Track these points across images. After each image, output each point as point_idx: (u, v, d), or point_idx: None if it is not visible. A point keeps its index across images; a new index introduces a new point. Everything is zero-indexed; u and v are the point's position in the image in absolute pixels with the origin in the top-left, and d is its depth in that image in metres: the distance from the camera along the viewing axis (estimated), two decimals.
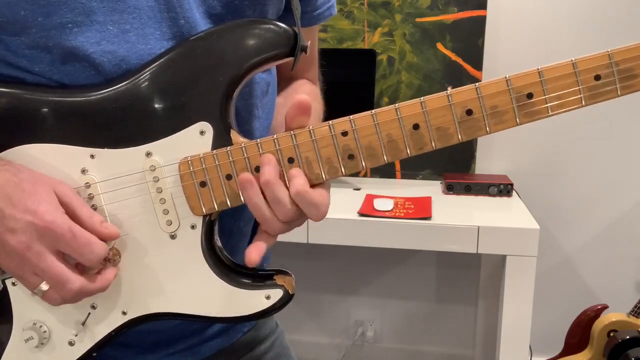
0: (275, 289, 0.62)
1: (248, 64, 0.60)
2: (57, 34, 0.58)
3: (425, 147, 0.59)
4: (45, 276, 0.55)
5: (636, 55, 0.57)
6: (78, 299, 0.58)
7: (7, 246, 0.55)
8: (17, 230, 0.54)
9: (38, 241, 0.54)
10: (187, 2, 0.61)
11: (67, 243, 0.55)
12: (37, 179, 0.57)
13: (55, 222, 0.54)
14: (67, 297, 0.56)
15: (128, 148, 0.60)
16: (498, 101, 0.58)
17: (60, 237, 0.54)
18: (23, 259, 0.55)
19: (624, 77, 0.57)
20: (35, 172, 0.58)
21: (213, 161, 0.60)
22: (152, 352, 0.72)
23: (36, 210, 0.54)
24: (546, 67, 0.57)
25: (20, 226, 0.54)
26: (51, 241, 0.55)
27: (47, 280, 0.55)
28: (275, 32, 0.61)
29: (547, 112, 0.58)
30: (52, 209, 0.55)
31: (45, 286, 0.55)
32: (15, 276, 0.57)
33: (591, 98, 0.57)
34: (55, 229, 0.54)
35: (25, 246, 0.54)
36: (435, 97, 0.58)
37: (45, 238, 0.54)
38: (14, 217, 0.54)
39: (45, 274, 0.55)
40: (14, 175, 0.56)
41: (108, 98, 0.59)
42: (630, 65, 0.57)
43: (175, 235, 0.61)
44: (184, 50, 0.61)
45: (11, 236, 0.54)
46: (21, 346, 0.62)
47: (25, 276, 0.56)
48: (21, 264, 0.55)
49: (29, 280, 0.56)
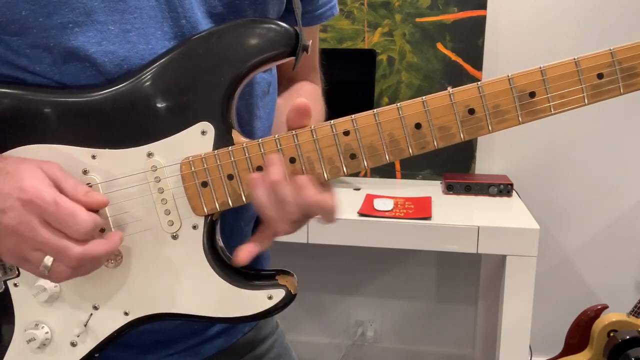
0: (277, 289, 0.62)
1: (249, 64, 0.60)
2: (58, 34, 0.58)
3: (427, 146, 0.59)
4: (45, 248, 0.55)
5: (638, 53, 0.56)
6: (87, 267, 0.57)
7: (1, 226, 0.55)
8: (6, 209, 0.54)
9: (27, 214, 0.54)
10: (189, 2, 0.61)
11: (52, 214, 0.54)
12: (22, 160, 0.57)
13: (38, 193, 0.54)
14: (73, 264, 0.55)
15: (129, 148, 0.60)
16: (500, 100, 0.57)
17: (44, 209, 0.54)
18: (18, 235, 0.54)
19: (627, 75, 0.56)
20: (21, 157, 0.58)
21: (215, 161, 0.60)
22: (152, 352, 0.72)
23: (20, 186, 0.54)
24: (548, 65, 0.57)
25: (9, 204, 0.54)
26: (38, 213, 0.54)
27: (47, 251, 0.55)
28: (277, 31, 0.61)
29: (550, 111, 0.58)
30: (37, 182, 0.55)
31: (49, 260, 0.55)
32: (19, 260, 0.57)
33: (594, 97, 0.57)
34: (38, 201, 0.54)
35: (16, 222, 0.54)
36: (438, 96, 0.58)
37: (33, 210, 0.54)
38: (2, 197, 0.54)
39: (43, 245, 0.55)
40: (1, 162, 0.56)
41: (109, 98, 0.59)
42: (633, 63, 0.56)
43: (177, 235, 0.61)
44: (185, 50, 0.60)
45: (3, 216, 0.54)
46: (23, 347, 0.62)
47: (26, 255, 0.55)
48: (19, 242, 0.55)
49: (32, 257, 0.55)
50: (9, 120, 0.59)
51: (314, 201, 0.57)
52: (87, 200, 0.57)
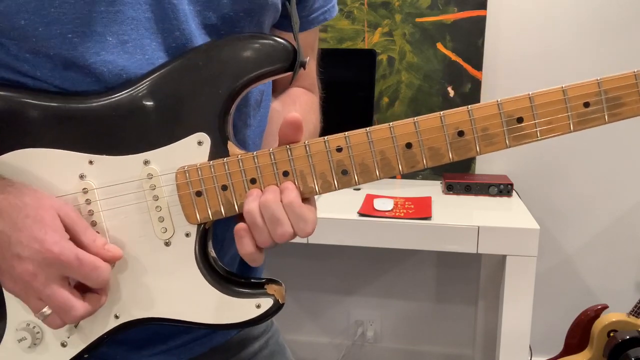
0: (265, 298, 0.63)
1: (247, 78, 0.61)
2: (57, 44, 0.58)
3: (417, 165, 0.61)
4: (50, 302, 0.56)
5: (625, 84, 0.58)
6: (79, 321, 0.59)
7: (14, 272, 0.56)
8: (24, 258, 0.55)
9: (45, 270, 0.55)
10: (183, 14, 0.62)
11: (75, 270, 0.56)
12: (40, 202, 0.57)
13: (62, 252, 0.55)
14: (69, 321, 0.58)
15: (126, 155, 0.61)
16: (489, 124, 0.59)
17: (67, 266, 0.56)
18: (28, 286, 0.56)
19: (612, 105, 0.59)
20: (38, 192, 0.59)
21: (210, 172, 0.61)
22: (145, 349, 0.73)
23: (44, 240, 0.55)
24: (537, 92, 0.59)
25: (28, 254, 0.55)
26: (58, 269, 0.56)
27: (51, 306, 0.57)
28: (275, 47, 0.62)
29: (536, 136, 0.60)
30: (59, 237, 0.56)
31: (48, 311, 0.57)
32: (20, 298, 0.58)
33: (579, 124, 0.59)
34: (62, 259, 0.55)
35: (31, 274, 0.55)
36: (429, 117, 0.60)
37: (53, 267, 0.55)
38: (20, 243, 0.55)
39: (49, 300, 0.56)
40: (18, 198, 0.57)
41: (108, 105, 0.60)
42: (619, 94, 0.58)
43: (170, 242, 0.62)
44: (185, 61, 0.62)
45: (18, 263, 0.55)
46: (14, 346, 0.63)
47: (29, 300, 0.57)
48: (26, 290, 0.56)
49: (32, 304, 0.57)
50: (8, 122, 0.60)
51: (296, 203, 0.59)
52: (107, 255, 0.59)
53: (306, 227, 0.60)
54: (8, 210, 0.56)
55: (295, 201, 0.59)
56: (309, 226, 0.60)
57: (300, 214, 0.59)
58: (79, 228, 0.58)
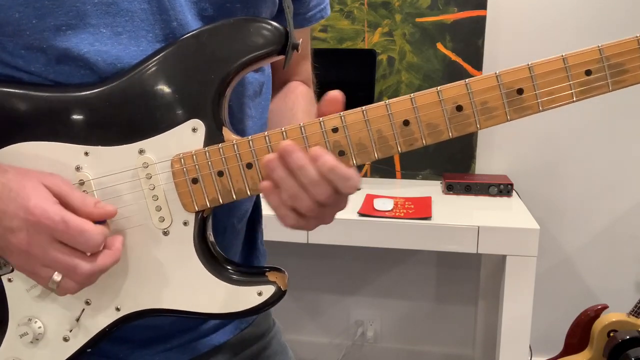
0: (267, 285, 0.62)
1: (239, 62, 0.61)
2: (50, 36, 0.58)
3: (415, 143, 0.59)
4: (55, 266, 0.56)
5: (627, 50, 0.56)
6: (95, 279, 0.58)
7: (11, 246, 0.56)
8: (16, 229, 0.55)
9: (36, 235, 0.55)
10: (179, 5, 0.62)
11: (62, 233, 0.55)
12: (24, 175, 0.57)
13: (45, 214, 0.55)
14: (81, 281, 0.57)
15: (121, 145, 0.61)
16: (488, 97, 0.58)
17: (54, 229, 0.55)
18: (29, 255, 0.56)
19: (615, 72, 0.57)
20: (22, 169, 0.58)
21: (205, 158, 0.61)
22: (147, 347, 0.73)
23: (27, 206, 0.55)
24: (536, 62, 0.57)
25: (17, 224, 0.55)
26: (49, 233, 0.55)
27: (57, 270, 0.56)
28: (266, 30, 0.61)
29: (538, 108, 0.58)
30: (42, 201, 0.55)
31: (58, 276, 0.56)
32: (28, 273, 0.58)
33: (582, 93, 0.57)
34: (46, 222, 0.55)
35: (26, 243, 0.55)
36: (426, 93, 0.58)
37: (43, 232, 0.55)
38: (9, 216, 0.55)
39: (53, 264, 0.56)
40: (1, 176, 0.57)
41: (102, 96, 0.60)
42: (621, 60, 0.56)
43: (168, 231, 0.62)
44: (176, 49, 0.61)
45: (12, 236, 0.55)
46: (16, 341, 0.63)
47: (36, 271, 0.57)
48: (29, 260, 0.56)
49: (41, 274, 0.57)
50: (3, 117, 0.60)
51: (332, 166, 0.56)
52: (98, 212, 0.58)
53: (354, 182, 0.57)
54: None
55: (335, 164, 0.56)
56: (355, 180, 0.57)
57: (344, 174, 0.57)
58: (65, 192, 0.57)
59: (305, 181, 0.57)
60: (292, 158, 0.57)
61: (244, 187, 0.61)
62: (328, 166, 0.56)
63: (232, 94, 0.64)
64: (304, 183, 0.57)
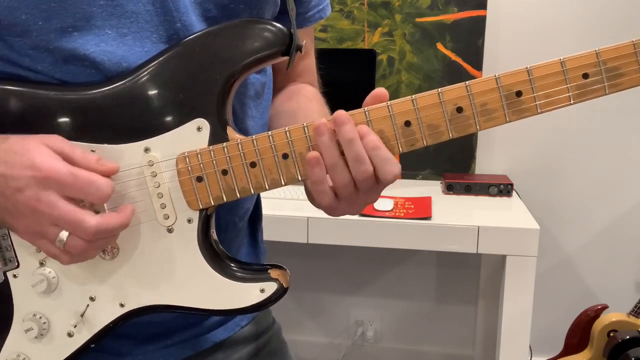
0: (269, 282, 0.63)
1: (244, 63, 0.62)
2: (57, 37, 0.59)
3: (416, 143, 0.60)
4: (62, 222, 0.56)
5: (623, 54, 0.58)
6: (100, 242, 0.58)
7: (19, 206, 0.56)
8: (22, 188, 0.55)
9: (44, 191, 0.55)
10: (184, 6, 0.63)
11: (71, 186, 0.56)
12: (24, 138, 0.58)
13: (53, 168, 0.55)
14: (89, 237, 0.56)
15: (127, 144, 0.61)
16: (488, 99, 0.59)
17: (63, 182, 0.55)
18: (37, 213, 0.56)
19: (611, 75, 0.58)
20: (23, 135, 0.59)
21: (209, 157, 0.61)
22: (150, 343, 0.73)
23: (33, 164, 0.55)
24: (535, 65, 0.58)
25: (24, 183, 0.55)
26: (56, 188, 0.56)
27: (64, 225, 0.56)
28: (271, 31, 0.62)
29: (536, 110, 0.59)
30: (47, 158, 0.56)
31: (65, 234, 0.56)
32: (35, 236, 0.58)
33: (579, 96, 0.59)
34: (55, 176, 0.55)
35: (34, 199, 0.55)
36: (427, 94, 0.60)
37: (50, 186, 0.55)
38: (15, 177, 0.55)
39: (61, 219, 0.56)
40: (2, 142, 0.58)
41: (108, 95, 0.61)
42: (617, 64, 0.58)
43: (173, 229, 0.63)
44: (182, 48, 0.62)
45: (20, 195, 0.55)
46: (21, 336, 0.63)
47: (44, 230, 0.56)
48: (37, 219, 0.56)
49: (49, 232, 0.56)
50: (10, 115, 0.60)
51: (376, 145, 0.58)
52: (101, 169, 0.58)
53: (393, 168, 0.59)
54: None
55: (380, 144, 0.58)
56: (396, 167, 0.59)
57: (387, 157, 0.58)
58: (68, 150, 0.58)
59: (350, 155, 0.58)
60: (344, 128, 0.58)
61: (247, 186, 0.62)
62: (373, 145, 0.58)
63: (235, 94, 0.65)
64: (348, 157, 0.58)
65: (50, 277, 0.62)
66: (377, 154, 0.58)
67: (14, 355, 0.64)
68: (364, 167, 0.58)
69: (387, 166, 0.58)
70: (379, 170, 0.59)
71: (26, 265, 0.63)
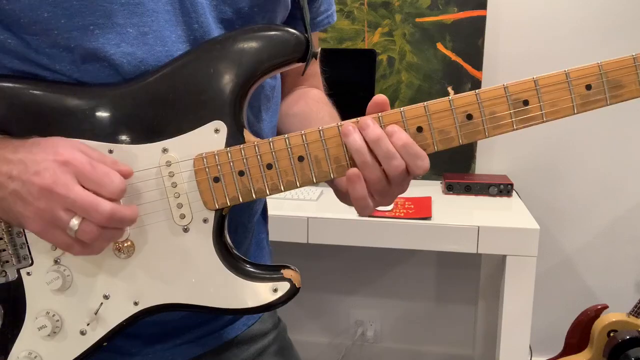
0: (282, 282, 0.64)
1: (262, 68, 0.64)
2: (79, 36, 0.60)
3: (427, 148, 0.62)
4: (76, 206, 0.56)
5: (623, 67, 0.61)
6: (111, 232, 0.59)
7: (35, 188, 0.56)
8: (41, 171, 0.56)
9: (62, 174, 0.56)
10: (201, 7, 0.64)
11: (88, 174, 0.56)
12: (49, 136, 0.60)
13: (74, 156, 0.57)
14: (102, 221, 0.56)
15: (145, 144, 0.63)
16: (496, 107, 0.62)
17: (81, 169, 0.56)
18: (51, 194, 0.56)
19: (613, 87, 0.61)
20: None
21: (227, 158, 0.63)
22: (158, 342, 0.74)
23: (56, 151, 0.57)
24: (541, 76, 0.61)
25: (44, 166, 0.56)
26: (74, 172, 0.56)
27: (78, 209, 0.56)
28: (288, 38, 0.64)
29: (542, 119, 0.62)
30: (69, 148, 0.57)
31: (77, 220, 0.56)
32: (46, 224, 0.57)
33: (582, 106, 0.62)
34: (75, 162, 0.56)
35: (51, 181, 0.56)
36: (438, 101, 0.62)
37: (69, 171, 0.56)
38: (36, 162, 0.56)
39: (75, 203, 0.56)
40: (27, 139, 0.59)
41: (127, 96, 0.62)
42: (618, 76, 0.61)
43: (188, 228, 0.64)
44: (201, 52, 0.63)
45: (37, 177, 0.56)
46: (34, 334, 0.64)
47: (56, 214, 0.56)
48: (50, 201, 0.56)
49: (61, 217, 0.56)
50: (29, 114, 0.61)
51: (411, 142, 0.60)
52: (116, 168, 0.59)
53: (424, 163, 0.61)
54: (21, 145, 0.58)
55: (409, 141, 0.60)
56: (426, 162, 0.62)
57: (417, 153, 0.61)
58: (87, 149, 0.59)
59: (379, 153, 0.60)
60: (369, 130, 0.61)
61: (263, 187, 0.63)
62: (402, 142, 0.60)
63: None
64: (379, 155, 0.61)
65: (65, 274, 0.63)
66: (407, 150, 0.60)
67: (25, 353, 0.64)
68: (396, 163, 0.60)
69: (417, 161, 0.61)
70: (410, 166, 0.61)
71: (40, 263, 0.63)
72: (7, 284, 0.64)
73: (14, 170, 0.56)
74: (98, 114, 0.62)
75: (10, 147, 0.58)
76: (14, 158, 0.57)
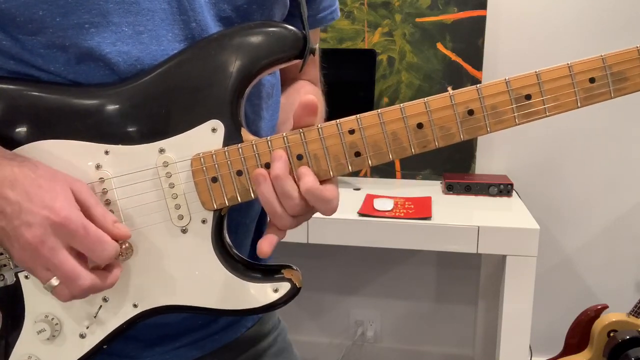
0: (283, 282, 0.64)
1: (259, 65, 0.62)
2: (74, 34, 0.59)
3: (428, 145, 0.62)
4: (57, 272, 0.56)
5: (627, 59, 0.60)
6: (86, 295, 0.58)
7: (22, 239, 0.55)
8: (33, 224, 0.55)
9: (52, 236, 0.55)
10: (199, 5, 0.63)
11: (80, 239, 0.55)
12: (54, 175, 0.58)
13: (69, 217, 0.55)
14: (76, 293, 0.57)
15: (142, 144, 0.62)
16: (498, 102, 0.60)
17: (73, 233, 0.55)
18: (36, 253, 0.55)
19: (617, 80, 0.60)
20: (52, 169, 0.59)
21: (224, 157, 0.62)
22: (158, 345, 0.73)
23: (52, 206, 0.55)
24: (543, 69, 0.60)
25: (37, 220, 0.55)
26: (65, 237, 0.55)
27: (58, 275, 0.56)
28: (286, 34, 0.63)
29: (545, 113, 0.60)
30: (67, 205, 0.56)
31: (56, 281, 0.56)
32: (27, 269, 0.58)
33: (586, 100, 0.60)
34: (69, 225, 0.55)
35: (39, 240, 0.55)
36: (439, 97, 0.61)
37: (60, 233, 0.55)
38: (30, 212, 0.55)
39: (57, 269, 0.55)
40: (32, 171, 0.57)
41: (123, 96, 0.61)
42: (622, 69, 0.60)
43: (187, 229, 0.63)
44: (197, 50, 0.62)
45: (27, 230, 0.55)
46: (33, 338, 0.63)
47: (37, 270, 0.56)
48: (34, 258, 0.56)
49: (40, 275, 0.56)
50: (25, 116, 0.61)
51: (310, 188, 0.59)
52: (115, 232, 0.58)
53: (330, 205, 0.61)
54: (22, 180, 0.56)
55: (314, 186, 0.59)
56: (333, 204, 0.61)
57: (321, 197, 0.60)
58: (90, 203, 0.58)
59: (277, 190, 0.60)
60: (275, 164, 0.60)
61: None
62: (305, 188, 0.59)
63: (247, 96, 0.65)
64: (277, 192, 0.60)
65: None
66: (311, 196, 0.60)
67: (25, 357, 0.63)
68: (291, 202, 0.60)
69: (321, 206, 0.61)
70: (315, 207, 0.61)
71: None
72: (5, 288, 0.63)
73: (8, 208, 0.55)
74: (94, 114, 0.61)
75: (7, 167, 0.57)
76: (11, 195, 0.55)
